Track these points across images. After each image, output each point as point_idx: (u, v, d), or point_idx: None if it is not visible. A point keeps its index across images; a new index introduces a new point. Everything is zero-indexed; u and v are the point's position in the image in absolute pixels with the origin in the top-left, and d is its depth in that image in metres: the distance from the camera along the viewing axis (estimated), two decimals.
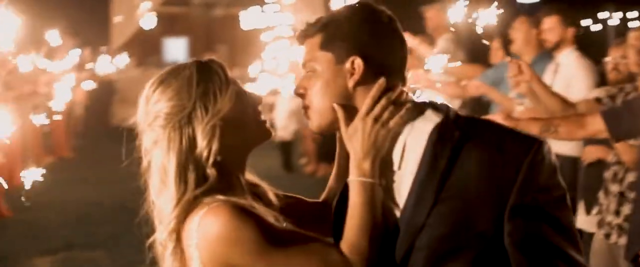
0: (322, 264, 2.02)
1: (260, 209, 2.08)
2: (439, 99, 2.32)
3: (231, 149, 2.12)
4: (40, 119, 8.99)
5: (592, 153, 5.20)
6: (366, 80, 2.10)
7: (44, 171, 6.28)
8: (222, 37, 24.41)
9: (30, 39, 10.32)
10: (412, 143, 2.10)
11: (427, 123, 2.11)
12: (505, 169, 2.01)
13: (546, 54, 5.99)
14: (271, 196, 2.28)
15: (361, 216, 2.05)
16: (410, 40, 7.28)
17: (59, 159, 13.17)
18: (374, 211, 2.06)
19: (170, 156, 2.09)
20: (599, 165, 5.09)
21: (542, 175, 2.03)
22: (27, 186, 6.62)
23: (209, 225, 2.01)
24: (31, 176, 6.44)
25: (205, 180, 2.08)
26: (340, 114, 2.11)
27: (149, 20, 12.94)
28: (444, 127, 2.07)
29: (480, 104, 6.95)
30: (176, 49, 26.30)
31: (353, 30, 2.10)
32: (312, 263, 2.02)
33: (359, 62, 2.08)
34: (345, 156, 2.25)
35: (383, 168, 2.11)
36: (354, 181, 2.08)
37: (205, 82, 2.11)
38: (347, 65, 2.09)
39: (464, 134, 2.06)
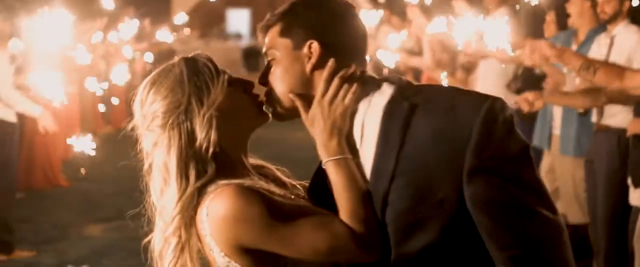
0: (328, 235, 2.07)
1: (265, 186, 2.13)
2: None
3: (230, 137, 2.19)
4: (96, 88, 9.14)
5: (638, 126, 5.07)
6: (323, 64, 2.16)
7: (93, 143, 6.41)
8: None
9: (90, 12, 10.46)
10: (370, 119, 2.14)
11: (383, 97, 2.14)
12: (456, 132, 2.01)
13: (602, 27, 5.84)
14: (279, 174, 2.33)
15: (347, 191, 2.09)
16: (463, 7, 7.20)
17: (116, 129, 13.35)
18: (357, 183, 2.10)
19: (171, 153, 2.14)
20: None
21: (496, 133, 2.01)
22: (79, 155, 6.77)
23: (215, 210, 2.07)
24: (82, 145, 6.57)
25: (206, 172, 2.13)
26: (298, 102, 2.18)
27: None
28: (393, 100, 2.11)
29: (534, 77, 6.85)
30: (239, 21, 26.48)
31: (309, 16, 2.17)
32: (319, 234, 2.06)
33: (315, 46, 2.14)
34: None
35: (348, 147, 2.15)
36: (327, 162, 2.13)
37: (196, 75, 2.17)
38: (304, 50, 2.15)
39: (412, 104, 2.08)
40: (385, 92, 2.15)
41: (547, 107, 6.28)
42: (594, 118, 5.66)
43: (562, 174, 6.30)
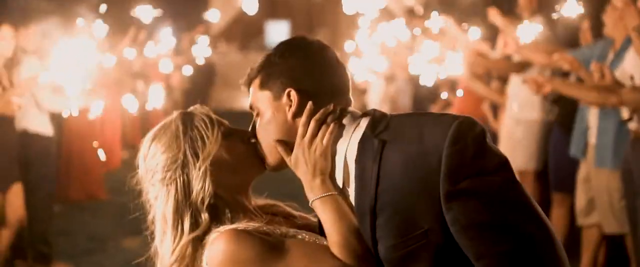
0: (329, 264, 2.12)
1: (260, 226, 2.21)
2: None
3: (229, 186, 2.29)
4: (132, 105, 9.19)
5: None
6: (303, 109, 2.22)
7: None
8: (323, 21, 24.54)
9: (127, 25, 10.55)
10: (350, 156, 2.18)
11: (360, 134, 2.18)
12: (427, 160, 2.02)
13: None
14: (289, 209, 2.46)
15: (336, 225, 2.14)
16: (497, 19, 7.15)
17: None
18: (346, 216, 2.15)
19: (168, 205, 2.27)
20: None
21: (466, 154, 2.00)
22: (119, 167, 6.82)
23: (213, 257, 2.18)
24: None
25: (200, 223, 2.23)
26: (280, 148, 2.25)
27: (250, 4, 12.92)
28: (364, 137, 2.14)
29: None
30: (278, 33, 26.57)
31: (284, 66, 2.24)
32: (322, 265, 2.13)
33: (293, 94, 2.22)
34: None
35: (334, 184, 2.21)
36: (314, 202, 2.20)
37: (191, 130, 2.28)
38: (284, 99, 2.23)
39: (382, 140, 2.10)
40: (362, 128, 2.17)
41: (583, 117, 6.21)
42: (633, 126, 5.58)
43: (597, 184, 6.21)
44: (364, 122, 2.18)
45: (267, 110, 2.26)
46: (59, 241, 7.30)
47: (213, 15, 9.84)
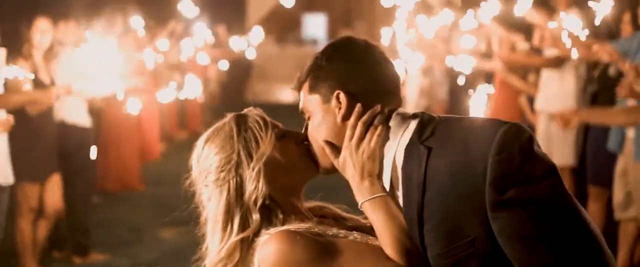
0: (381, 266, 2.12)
1: (311, 226, 2.20)
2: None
3: (282, 187, 2.28)
4: (169, 96, 9.26)
5: None
6: (352, 112, 2.21)
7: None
8: (361, 14, 24.48)
9: (162, 19, 10.62)
10: (399, 160, 2.16)
11: (407, 139, 2.16)
12: (472, 168, 1.99)
13: None
14: (338, 211, 2.43)
15: (387, 226, 2.14)
16: (534, 17, 7.09)
17: (192, 134, 13.54)
18: (397, 218, 2.15)
19: (220, 206, 2.27)
20: None
21: (512, 163, 1.96)
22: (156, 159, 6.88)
23: (264, 259, 2.16)
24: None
25: (250, 224, 2.23)
26: (327, 149, 2.25)
27: None
28: (411, 143, 2.13)
29: (609, 79, 6.72)
30: (315, 26, 26.56)
31: (332, 69, 2.24)
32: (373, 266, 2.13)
33: (342, 97, 2.21)
34: None
35: (386, 190, 2.20)
36: (363, 204, 2.19)
37: (245, 131, 2.29)
38: (333, 102, 2.22)
39: (428, 147, 2.08)
40: (410, 132, 2.16)
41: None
42: None
43: (636, 178, 6.15)
44: (412, 125, 2.15)
45: (317, 113, 2.26)
46: (96, 231, 7.37)
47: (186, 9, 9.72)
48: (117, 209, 8.68)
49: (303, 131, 2.34)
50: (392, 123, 2.20)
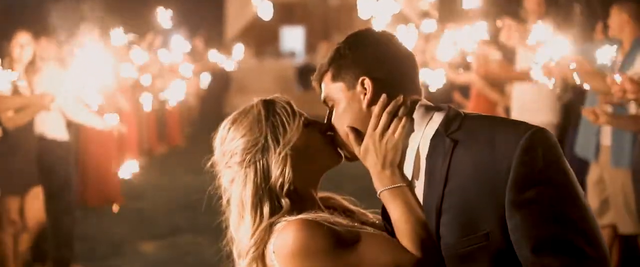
0: (390, 259, 2.14)
1: (329, 218, 2.20)
2: None
3: (304, 175, 2.30)
4: (147, 106, 9.27)
5: None
6: (377, 98, 2.24)
7: (136, 166, 6.59)
8: (339, 26, 24.50)
9: (142, 31, 10.64)
10: (423, 153, 2.20)
11: (433, 129, 2.20)
12: (496, 166, 2.04)
13: None
14: (346, 203, 2.46)
15: (405, 217, 2.17)
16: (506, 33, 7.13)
17: (171, 148, 13.56)
18: (414, 209, 2.17)
19: (247, 189, 2.27)
20: None
21: (535, 166, 2.01)
22: (124, 177, 6.96)
23: (282, 245, 2.17)
24: (128, 169, 6.80)
25: (281, 208, 2.24)
26: (351, 136, 2.27)
27: (265, 9, 12.91)
28: (437, 135, 2.17)
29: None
30: (293, 38, 26.55)
31: (355, 56, 2.28)
32: (381, 259, 2.14)
33: (368, 82, 2.25)
34: None
35: (405, 180, 2.23)
36: (382, 192, 2.22)
37: (273, 116, 2.31)
38: (358, 88, 2.26)
39: (454, 140, 2.12)
40: (436, 123, 2.20)
41: None
42: None
43: (613, 185, 6.24)
44: (437, 117, 2.21)
45: (342, 100, 2.29)
46: (77, 245, 7.35)
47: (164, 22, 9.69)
48: (97, 223, 8.69)
49: (326, 120, 2.35)
50: (416, 114, 2.23)
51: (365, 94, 2.25)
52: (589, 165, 6.50)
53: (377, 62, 2.26)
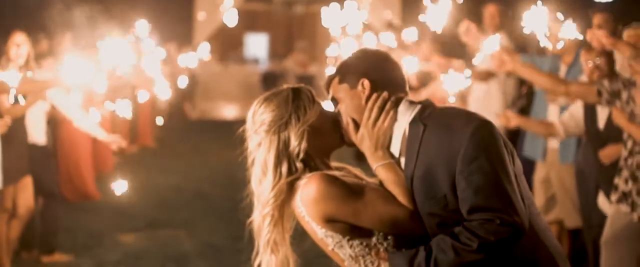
0: (390, 209, 2.83)
1: (341, 174, 2.93)
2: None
3: (317, 148, 2.99)
4: (123, 110, 9.57)
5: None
6: (374, 95, 2.97)
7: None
8: (302, 34, 24.80)
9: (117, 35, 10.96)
10: (407, 134, 2.91)
11: (412, 118, 2.92)
12: (452, 145, 2.75)
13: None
14: (357, 172, 3.10)
15: (396, 183, 2.87)
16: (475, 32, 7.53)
17: (143, 148, 13.96)
18: (401, 178, 2.88)
19: (271, 152, 2.92)
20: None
21: (479, 146, 2.72)
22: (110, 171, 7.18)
23: (306, 194, 2.84)
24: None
25: (296, 170, 2.88)
26: (351, 125, 3.00)
27: (231, 17, 13.28)
28: (413, 120, 2.89)
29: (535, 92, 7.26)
30: (257, 45, 26.80)
31: (358, 64, 3.04)
32: (384, 208, 2.82)
33: (366, 82, 2.98)
34: None
35: (393, 157, 2.94)
36: (377, 168, 2.93)
37: (298, 100, 2.97)
38: (359, 87, 2.99)
39: (425, 124, 2.83)
40: (414, 113, 2.92)
41: (542, 118, 6.71)
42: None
43: (559, 182, 6.71)
44: (417, 109, 2.93)
45: (346, 97, 3.00)
46: (58, 236, 7.61)
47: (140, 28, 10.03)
48: (76, 217, 9.01)
49: (335, 111, 3.06)
50: (401, 108, 2.95)
51: (364, 92, 2.95)
52: (535, 164, 6.97)
53: (374, 68, 2.99)
